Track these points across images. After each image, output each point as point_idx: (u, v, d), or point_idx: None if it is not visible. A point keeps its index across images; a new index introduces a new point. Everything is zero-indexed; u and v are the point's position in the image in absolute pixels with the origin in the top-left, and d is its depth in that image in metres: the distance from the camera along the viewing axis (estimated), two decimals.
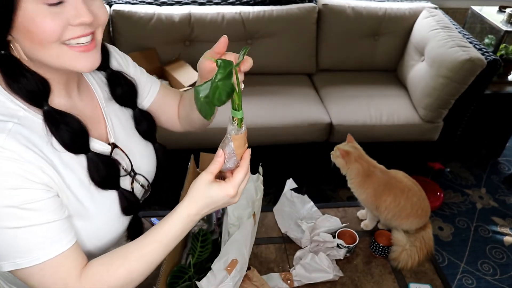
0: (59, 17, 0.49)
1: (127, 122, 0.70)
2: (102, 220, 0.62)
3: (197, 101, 0.53)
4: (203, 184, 0.57)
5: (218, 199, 0.57)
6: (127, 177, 0.67)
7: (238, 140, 0.57)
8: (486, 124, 2.13)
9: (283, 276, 1.02)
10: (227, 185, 0.57)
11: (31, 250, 0.52)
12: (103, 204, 0.61)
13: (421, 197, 1.11)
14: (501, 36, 2.07)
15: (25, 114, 0.54)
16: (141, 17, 1.81)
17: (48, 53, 0.51)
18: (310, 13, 1.97)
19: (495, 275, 1.71)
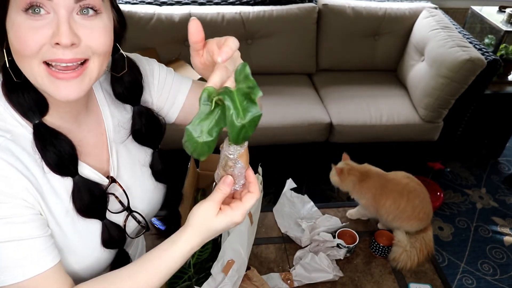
0: (39, 32, 0.45)
1: (140, 158, 0.66)
2: (82, 251, 0.58)
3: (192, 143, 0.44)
4: (209, 216, 0.51)
5: (224, 228, 0.52)
6: (123, 214, 0.63)
7: (244, 156, 0.51)
8: (486, 124, 2.13)
9: (283, 276, 1.02)
10: (235, 213, 0.51)
11: (11, 267, 0.49)
12: (83, 233, 0.58)
13: (424, 199, 1.10)
14: (501, 36, 2.07)
15: (21, 131, 0.52)
16: (141, 17, 1.81)
17: (28, 71, 0.48)
18: (310, 13, 1.97)
19: (495, 275, 1.71)
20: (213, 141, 0.44)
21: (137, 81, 0.63)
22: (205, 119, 0.43)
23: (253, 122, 0.44)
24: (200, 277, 0.95)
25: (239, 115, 0.43)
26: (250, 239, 0.97)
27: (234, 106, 0.43)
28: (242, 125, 0.43)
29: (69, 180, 0.55)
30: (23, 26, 0.45)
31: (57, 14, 0.45)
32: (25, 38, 0.45)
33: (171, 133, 0.90)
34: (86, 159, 0.58)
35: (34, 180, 0.51)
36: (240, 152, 0.49)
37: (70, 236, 0.56)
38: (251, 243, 0.98)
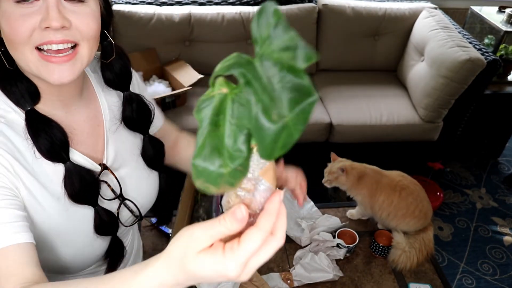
0: (29, 18, 0.47)
1: (133, 146, 0.67)
2: (74, 236, 0.58)
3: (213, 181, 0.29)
4: (190, 250, 0.34)
5: (207, 276, 0.34)
6: (116, 201, 0.63)
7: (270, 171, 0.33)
8: (486, 124, 2.14)
9: (283, 276, 1.02)
10: (225, 260, 0.32)
11: None
12: (75, 219, 0.57)
13: (419, 197, 1.10)
14: (501, 36, 2.08)
15: (15, 117, 0.53)
16: (141, 17, 1.81)
17: (21, 58, 0.49)
18: (310, 13, 1.97)
19: (495, 275, 1.71)
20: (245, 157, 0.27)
21: (126, 67, 0.64)
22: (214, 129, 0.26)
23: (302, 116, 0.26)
24: None
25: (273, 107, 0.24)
26: None
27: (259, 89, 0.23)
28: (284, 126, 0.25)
29: (61, 166, 0.55)
30: (13, 14, 0.47)
31: (46, 1, 0.47)
32: (15, 25, 0.47)
33: None
34: (79, 147, 0.59)
35: (25, 163, 0.52)
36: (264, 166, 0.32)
37: (62, 222, 0.56)
38: None
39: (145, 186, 0.68)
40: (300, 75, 0.24)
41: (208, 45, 1.91)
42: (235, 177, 0.28)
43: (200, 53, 1.92)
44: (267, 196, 0.33)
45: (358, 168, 1.13)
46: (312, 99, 0.25)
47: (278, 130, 0.25)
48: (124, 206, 0.65)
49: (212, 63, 1.97)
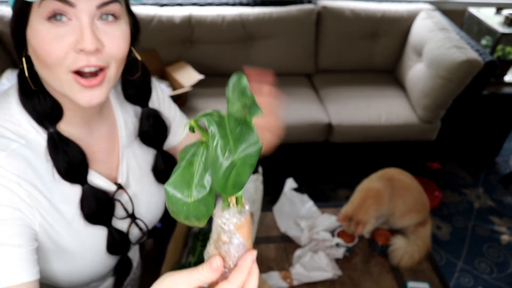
0: (62, 39, 0.45)
1: (145, 162, 0.67)
2: (87, 255, 0.58)
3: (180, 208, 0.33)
4: None
5: None
6: (127, 220, 0.64)
7: (246, 228, 0.36)
8: (483, 124, 2.15)
9: (282, 275, 1.03)
10: None
11: None
12: (90, 238, 0.58)
13: (420, 191, 1.12)
14: (498, 37, 2.09)
15: (35, 137, 0.52)
16: (142, 18, 1.82)
17: (54, 78, 0.48)
18: (309, 14, 1.98)
19: (492, 273, 1.73)
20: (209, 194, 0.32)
21: (147, 83, 0.64)
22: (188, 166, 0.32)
23: (249, 158, 0.29)
24: None
25: (227, 146, 0.29)
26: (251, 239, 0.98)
27: (221, 134, 0.30)
28: (232, 163, 0.29)
29: (78, 187, 0.56)
30: (47, 35, 0.45)
31: (79, 21, 0.46)
32: (49, 47, 0.46)
33: None
34: (96, 166, 0.59)
35: (43, 187, 0.52)
36: (239, 221, 0.35)
37: (76, 241, 0.57)
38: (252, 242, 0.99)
39: (154, 202, 0.69)
40: (251, 128, 0.30)
41: (209, 46, 1.92)
42: (199, 212, 0.33)
43: (200, 54, 1.93)
44: (241, 251, 0.36)
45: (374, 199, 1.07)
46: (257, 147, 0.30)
47: (228, 166, 0.29)
48: (134, 225, 0.65)
49: (212, 64, 2.00)
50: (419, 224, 1.12)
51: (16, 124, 0.51)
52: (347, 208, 1.08)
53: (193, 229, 1.10)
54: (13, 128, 0.51)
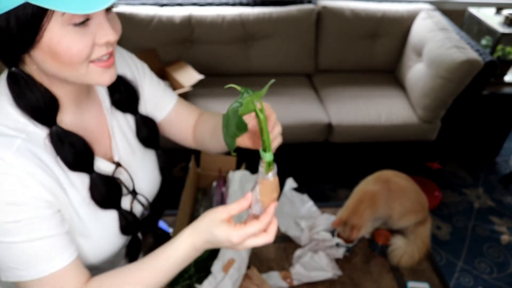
0: (86, 37, 0.49)
1: (129, 131, 0.69)
2: (101, 238, 0.62)
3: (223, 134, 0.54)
4: (214, 219, 0.54)
5: (220, 240, 0.53)
6: (128, 196, 0.66)
7: (265, 185, 0.52)
8: (483, 124, 2.15)
9: (282, 275, 1.03)
10: (234, 231, 0.52)
11: (33, 264, 0.53)
12: (103, 222, 0.61)
13: (417, 191, 1.12)
14: (498, 37, 2.09)
15: (34, 130, 0.54)
16: (142, 18, 1.82)
17: (76, 73, 0.52)
18: (309, 14, 1.98)
19: (492, 273, 1.73)
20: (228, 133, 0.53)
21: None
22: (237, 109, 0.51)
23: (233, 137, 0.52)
24: (201, 276, 0.96)
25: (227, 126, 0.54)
26: None
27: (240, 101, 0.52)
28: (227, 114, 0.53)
29: (86, 175, 0.59)
30: (74, 38, 0.48)
31: (97, 18, 0.50)
32: (77, 48, 0.49)
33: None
34: (94, 147, 0.60)
35: (53, 175, 0.54)
36: (263, 177, 0.52)
37: (89, 226, 0.59)
38: None
39: (148, 172, 0.71)
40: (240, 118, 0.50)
41: (209, 46, 1.92)
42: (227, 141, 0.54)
43: (200, 54, 1.93)
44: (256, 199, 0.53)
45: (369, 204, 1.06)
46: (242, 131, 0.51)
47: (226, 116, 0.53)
48: (136, 201, 0.68)
49: (212, 64, 2.00)
50: (419, 223, 1.12)
51: (14, 120, 0.53)
52: (342, 212, 1.08)
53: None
54: (11, 124, 0.53)
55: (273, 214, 0.53)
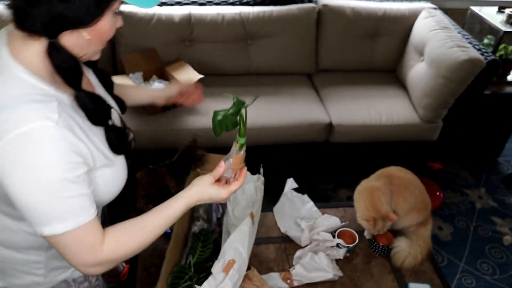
0: (116, 23, 0.64)
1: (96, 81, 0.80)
2: (120, 168, 0.74)
3: (213, 122, 0.73)
4: (206, 184, 0.75)
5: (213, 197, 0.75)
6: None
7: (236, 159, 0.76)
8: (485, 124, 2.14)
9: (283, 276, 1.03)
10: (224, 190, 0.75)
11: (69, 218, 0.61)
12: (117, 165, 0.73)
13: (421, 189, 1.12)
14: (500, 36, 2.08)
15: (56, 93, 0.61)
16: (141, 17, 1.81)
17: (98, 48, 0.65)
18: (309, 13, 1.97)
19: (494, 274, 1.72)
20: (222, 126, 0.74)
21: None
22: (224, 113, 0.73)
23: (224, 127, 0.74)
24: (201, 277, 0.95)
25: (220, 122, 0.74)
26: (251, 239, 0.97)
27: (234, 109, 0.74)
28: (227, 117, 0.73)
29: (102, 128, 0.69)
30: (113, 23, 0.63)
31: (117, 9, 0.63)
32: (112, 31, 0.64)
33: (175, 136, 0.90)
34: None
35: (84, 131, 0.64)
36: (237, 154, 0.76)
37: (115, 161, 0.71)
38: (252, 243, 0.98)
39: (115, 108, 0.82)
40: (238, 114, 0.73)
41: (208, 45, 1.91)
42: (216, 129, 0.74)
43: (200, 53, 1.92)
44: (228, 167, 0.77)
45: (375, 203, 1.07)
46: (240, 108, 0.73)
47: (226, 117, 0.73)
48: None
49: (212, 63, 1.99)
50: (420, 224, 1.11)
51: (36, 87, 0.59)
52: (364, 214, 1.06)
53: (193, 229, 1.10)
54: (39, 91, 0.59)
55: (245, 176, 0.78)
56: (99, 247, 0.65)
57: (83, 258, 0.64)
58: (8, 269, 0.76)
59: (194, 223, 1.11)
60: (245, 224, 0.93)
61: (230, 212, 1.07)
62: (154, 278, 0.95)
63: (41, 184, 0.57)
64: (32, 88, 0.58)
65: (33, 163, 0.56)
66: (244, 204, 1.09)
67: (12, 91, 0.57)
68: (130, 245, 0.69)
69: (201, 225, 1.10)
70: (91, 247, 0.64)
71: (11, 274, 0.77)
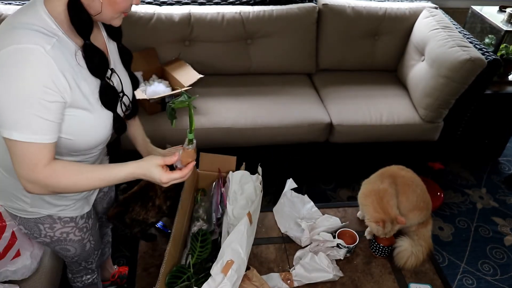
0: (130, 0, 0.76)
1: (116, 55, 0.92)
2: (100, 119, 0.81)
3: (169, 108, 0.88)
4: (153, 163, 0.80)
5: (155, 178, 0.81)
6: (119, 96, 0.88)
7: (186, 152, 0.86)
8: (486, 124, 2.13)
9: (283, 276, 1.02)
10: (166, 175, 0.80)
11: (25, 131, 0.70)
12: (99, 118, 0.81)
13: (423, 189, 1.11)
14: (502, 36, 2.07)
15: (62, 36, 0.73)
16: (141, 16, 1.80)
17: (111, 14, 0.75)
18: (310, 13, 1.96)
19: (496, 275, 1.71)
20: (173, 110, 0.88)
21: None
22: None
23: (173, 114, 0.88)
24: (200, 278, 0.95)
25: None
26: (250, 239, 0.97)
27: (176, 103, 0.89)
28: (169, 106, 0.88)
29: (97, 80, 0.79)
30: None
31: None
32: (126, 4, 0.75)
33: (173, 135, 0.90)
34: None
35: (74, 72, 0.73)
36: (187, 148, 0.86)
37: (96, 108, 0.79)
38: (250, 243, 0.98)
39: (128, 83, 0.94)
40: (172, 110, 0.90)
41: (208, 44, 1.91)
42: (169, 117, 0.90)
43: (200, 53, 1.91)
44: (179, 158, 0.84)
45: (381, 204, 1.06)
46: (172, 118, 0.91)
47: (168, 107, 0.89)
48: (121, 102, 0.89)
49: (212, 63, 1.98)
50: (421, 224, 1.10)
51: (48, 25, 0.72)
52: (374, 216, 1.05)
53: (193, 230, 1.09)
54: (47, 27, 0.71)
55: (191, 169, 0.85)
56: (40, 168, 0.73)
57: (23, 170, 0.73)
58: (5, 191, 0.89)
59: (194, 223, 1.10)
60: (242, 224, 0.92)
61: (230, 212, 1.06)
62: (153, 278, 0.95)
63: (16, 94, 0.67)
64: (43, 23, 0.71)
65: (17, 75, 0.67)
66: (243, 204, 1.08)
67: (27, 20, 0.70)
68: (62, 180, 0.76)
69: (200, 226, 1.09)
70: (32, 164, 0.73)
71: (6, 196, 0.90)
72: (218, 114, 1.74)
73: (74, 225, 0.98)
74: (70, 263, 1.11)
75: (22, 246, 1.11)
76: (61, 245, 0.99)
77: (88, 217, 1.02)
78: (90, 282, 1.21)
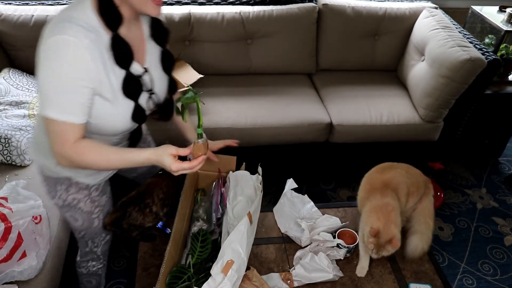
0: None
1: (157, 57, 0.97)
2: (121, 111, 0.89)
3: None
4: (167, 152, 0.87)
5: (165, 165, 0.87)
6: (146, 94, 0.94)
7: (197, 146, 0.92)
8: (486, 124, 2.13)
9: (283, 276, 1.02)
10: (176, 163, 0.87)
11: (60, 111, 0.80)
12: (121, 106, 0.88)
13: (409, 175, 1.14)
14: (502, 36, 2.07)
15: (102, 31, 0.81)
16: None
17: (143, 3, 0.80)
18: (310, 13, 1.96)
19: (496, 275, 1.71)
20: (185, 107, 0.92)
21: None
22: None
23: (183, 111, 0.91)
24: (200, 277, 0.95)
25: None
26: (250, 239, 0.97)
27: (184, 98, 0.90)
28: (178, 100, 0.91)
29: (123, 71, 0.86)
30: None
31: None
32: None
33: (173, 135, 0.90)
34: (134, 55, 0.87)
35: (105, 65, 0.81)
36: (197, 143, 0.92)
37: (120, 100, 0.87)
38: (250, 243, 0.98)
39: (162, 84, 0.99)
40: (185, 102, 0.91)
41: (208, 44, 1.91)
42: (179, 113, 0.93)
43: (200, 53, 1.92)
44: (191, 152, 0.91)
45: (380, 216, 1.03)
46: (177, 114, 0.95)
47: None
48: (150, 99, 0.95)
49: (212, 63, 1.98)
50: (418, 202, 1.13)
51: (91, 20, 0.80)
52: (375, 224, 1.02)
53: (193, 230, 1.09)
54: (89, 23, 0.79)
55: (200, 162, 0.90)
56: (69, 144, 0.83)
57: (56, 145, 0.84)
58: (40, 147, 0.98)
59: (194, 223, 1.10)
60: (243, 224, 0.92)
61: (230, 212, 1.06)
62: (153, 278, 0.95)
63: (56, 77, 0.77)
64: (87, 18, 0.79)
65: (57, 62, 0.76)
66: (243, 204, 1.08)
67: (74, 14, 0.79)
68: (86, 158, 0.85)
69: (200, 226, 1.09)
70: (64, 140, 0.83)
71: (40, 152, 0.99)
72: (218, 114, 1.74)
73: (87, 194, 1.04)
74: (79, 239, 1.15)
75: (28, 247, 1.12)
76: (71, 211, 1.06)
77: (103, 193, 1.08)
78: (95, 271, 1.24)
